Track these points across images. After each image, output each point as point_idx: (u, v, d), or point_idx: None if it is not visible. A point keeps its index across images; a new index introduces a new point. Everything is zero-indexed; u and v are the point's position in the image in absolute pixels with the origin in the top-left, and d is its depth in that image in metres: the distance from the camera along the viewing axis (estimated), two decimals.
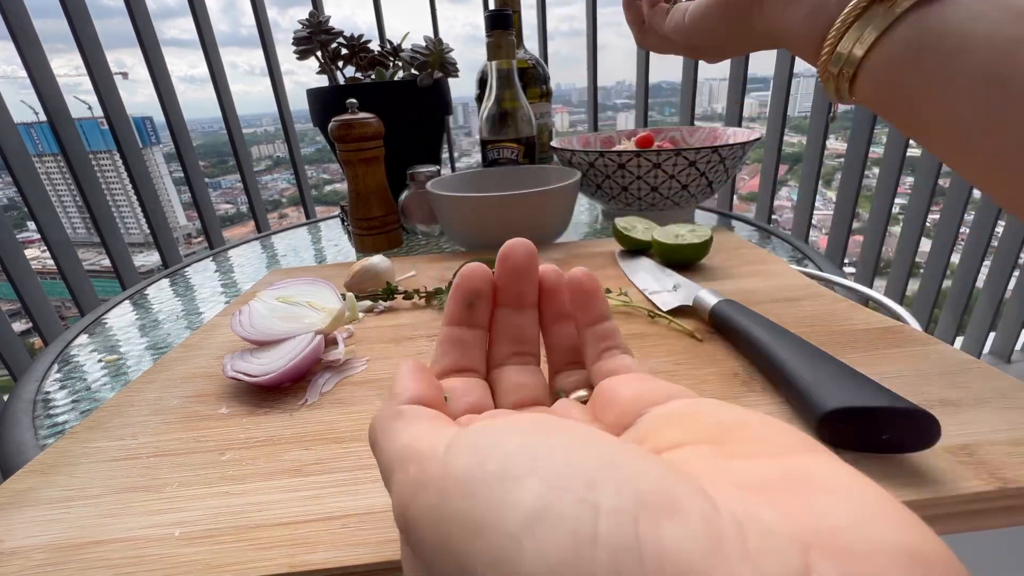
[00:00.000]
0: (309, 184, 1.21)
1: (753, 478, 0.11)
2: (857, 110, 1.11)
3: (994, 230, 1.21)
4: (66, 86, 0.97)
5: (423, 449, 0.13)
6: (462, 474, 0.11)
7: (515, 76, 0.65)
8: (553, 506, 0.09)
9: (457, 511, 0.10)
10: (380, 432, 0.15)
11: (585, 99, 1.24)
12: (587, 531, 0.09)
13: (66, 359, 0.45)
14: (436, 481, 0.11)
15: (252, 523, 0.21)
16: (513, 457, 0.11)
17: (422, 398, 0.16)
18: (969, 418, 0.24)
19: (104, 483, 0.24)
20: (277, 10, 12.30)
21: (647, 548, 0.08)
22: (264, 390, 0.31)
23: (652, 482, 0.10)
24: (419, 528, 0.11)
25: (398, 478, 0.13)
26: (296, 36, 0.70)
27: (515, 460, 0.11)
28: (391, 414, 0.16)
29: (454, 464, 0.11)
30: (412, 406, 0.16)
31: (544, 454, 0.11)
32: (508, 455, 0.11)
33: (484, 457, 0.11)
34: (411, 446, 0.13)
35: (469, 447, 0.12)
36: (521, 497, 0.10)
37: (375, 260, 0.47)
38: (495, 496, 0.10)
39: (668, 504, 0.09)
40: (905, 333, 0.32)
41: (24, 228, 5.17)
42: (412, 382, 0.17)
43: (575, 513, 0.09)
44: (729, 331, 0.32)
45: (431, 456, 0.12)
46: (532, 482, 0.10)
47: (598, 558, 0.08)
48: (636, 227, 0.51)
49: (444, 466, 0.12)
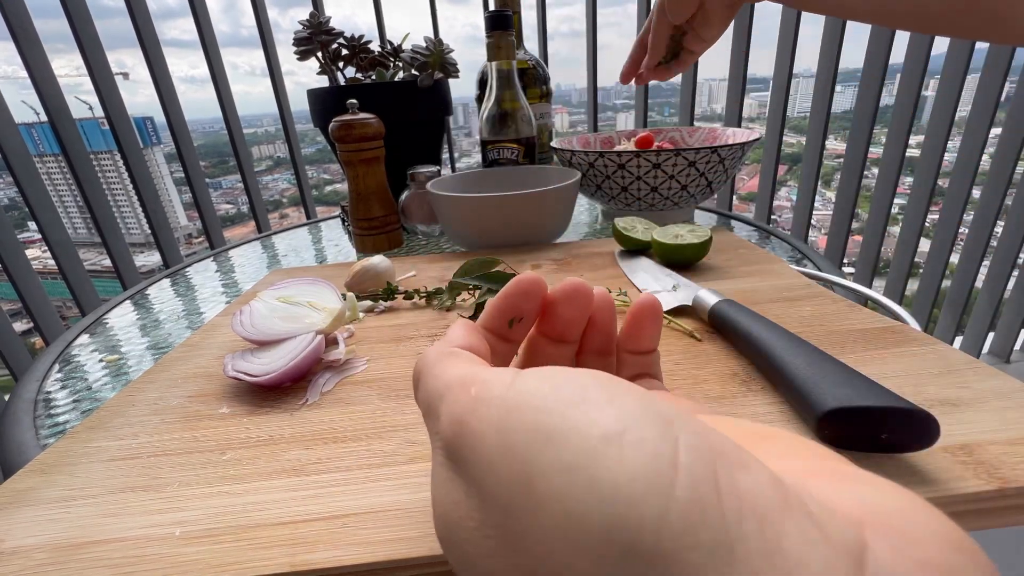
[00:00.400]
0: (310, 184, 1.21)
1: (798, 470, 0.11)
2: (857, 109, 1.11)
3: (993, 230, 1.21)
4: (67, 86, 0.97)
5: (486, 376, 0.13)
6: (534, 393, 0.11)
7: (515, 77, 0.65)
8: (634, 429, 0.09)
9: (526, 422, 0.10)
10: (432, 363, 0.15)
11: (585, 99, 1.24)
12: (668, 455, 0.09)
13: (67, 359, 0.45)
14: (501, 399, 0.11)
15: (252, 523, 0.21)
16: (589, 389, 0.11)
17: (474, 349, 0.16)
18: (968, 418, 0.24)
19: (105, 483, 0.24)
20: (278, 11, 12.26)
21: (724, 486, 0.09)
22: (265, 390, 0.31)
23: (724, 441, 0.10)
24: (476, 439, 0.11)
25: (453, 397, 0.13)
26: (296, 37, 0.70)
27: (591, 392, 0.11)
28: (445, 352, 0.15)
29: (525, 386, 0.11)
30: (464, 351, 0.16)
31: (621, 393, 0.11)
32: (584, 387, 0.11)
33: (558, 384, 0.11)
34: (471, 373, 0.13)
35: (540, 376, 0.12)
36: (601, 417, 0.10)
37: (375, 260, 0.47)
38: (571, 415, 0.10)
39: (740, 461, 0.09)
40: (904, 333, 0.32)
41: (25, 228, 5.17)
42: (466, 333, 0.17)
43: (656, 438, 0.09)
44: (728, 331, 0.32)
45: (496, 380, 0.12)
46: (611, 410, 0.10)
47: (679, 480, 0.09)
48: (636, 227, 0.51)
49: (513, 388, 0.11)
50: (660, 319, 0.19)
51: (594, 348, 0.20)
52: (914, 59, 1.06)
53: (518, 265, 0.50)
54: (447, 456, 0.12)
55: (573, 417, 0.10)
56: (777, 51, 1.11)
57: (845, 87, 4.15)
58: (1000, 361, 1.35)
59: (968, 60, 1.06)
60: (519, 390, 0.11)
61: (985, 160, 1.14)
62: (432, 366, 0.15)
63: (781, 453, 0.12)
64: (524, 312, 0.18)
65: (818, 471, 0.11)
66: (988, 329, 1.33)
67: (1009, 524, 0.21)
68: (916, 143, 1.19)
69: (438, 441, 0.13)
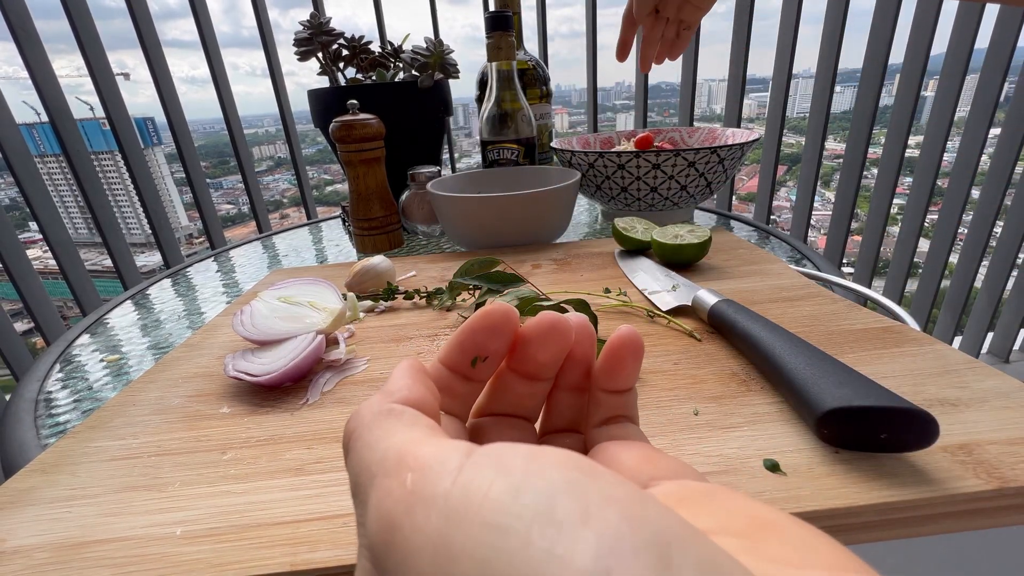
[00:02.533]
0: (310, 184, 1.21)
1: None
2: (856, 109, 1.11)
3: (992, 230, 1.21)
4: (68, 87, 0.97)
5: (425, 457, 0.10)
6: (487, 497, 0.09)
7: (515, 77, 0.65)
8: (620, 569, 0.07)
9: (475, 547, 0.08)
10: (365, 427, 0.12)
11: (585, 100, 1.24)
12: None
13: (68, 359, 0.45)
14: (444, 500, 0.09)
15: (254, 522, 0.21)
16: (559, 496, 0.08)
17: (420, 403, 0.14)
18: (967, 418, 0.24)
19: (106, 482, 0.24)
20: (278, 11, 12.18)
21: None
22: (265, 389, 0.31)
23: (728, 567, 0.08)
24: (408, 555, 0.09)
25: (384, 485, 0.10)
26: (297, 37, 0.70)
27: (562, 500, 0.08)
28: (382, 410, 0.13)
29: (475, 483, 0.09)
30: (408, 408, 0.13)
31: (598, 501, 0.08)
32: (552, 491, 0.08)
33: (520, 485, 0.09)
34: (409, 451, 0.11)
35: (496, 467, 0.09)
36: (574, 551, 0.08)
37: (376, 260, 0.47)
38: (535, 540, 0.08)
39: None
40: (904, 333, 0.32)
41: (26, 228, 5.18)
42: (411, 381, 0.14)
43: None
44: (728, 331, 0.32)
45: (438, 468, 0.10)
46: (587, 535, 0.08)
47: None
48: (635, 227, 0.51)
49: (459, 484, 0.09)
50: (640, 355, 0.16)
51: (570, 384, 0.17)
52: (913, 59, 1.06)
53: (518, 265, 0.50)
54: (372, 563, 0.10)
55: (538, 544, 0.08)
56: (777, 51, 1.11)
57: (845, 87, 4.15)
58: (999, 361, 1.35)
59: (968, 60, 1.06)
60: (467, 489, 0.09)
61: (984, 160, 1.14)
62: (365, 430, 0.12)
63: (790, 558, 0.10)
64: (490, 351, 0.16)
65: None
66: (987, 329, 1.33)
67: (1009, 524, 0.21)
68: (915, 143, 1.19)
69: (364, 539, 0.10)
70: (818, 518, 0.20)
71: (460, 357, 0.16)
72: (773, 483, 0.21)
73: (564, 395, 0.17)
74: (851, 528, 0.20)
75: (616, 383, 0.16)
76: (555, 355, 0.16)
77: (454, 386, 0.16)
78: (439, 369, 0.16)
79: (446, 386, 0.16)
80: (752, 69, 1.14)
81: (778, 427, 0.25)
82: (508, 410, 0.17)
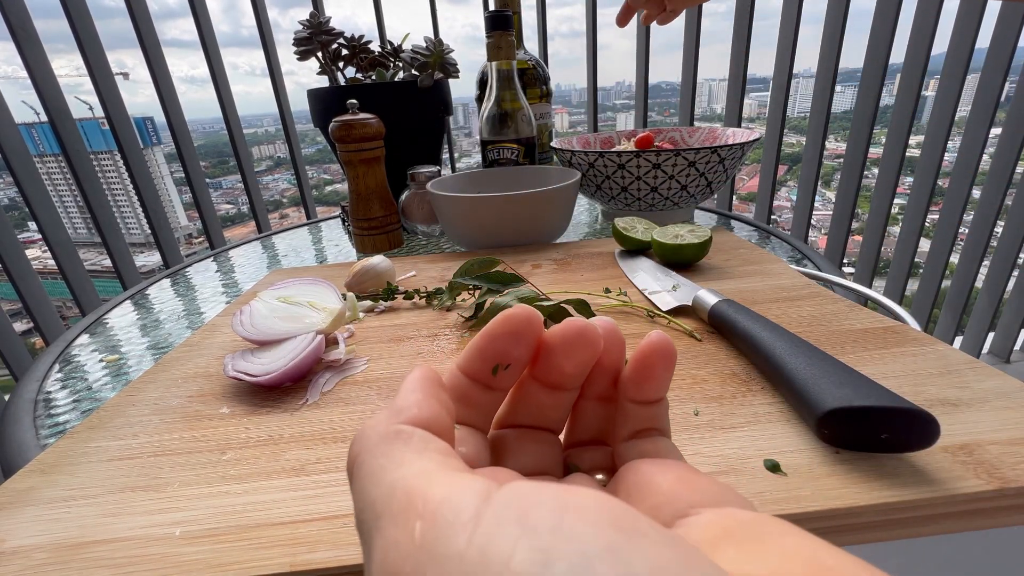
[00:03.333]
0: (310, 184, 1.21)
1: None
2: (856, 109, 1.11)
3: (993, 230, 1.21)
4: (67, 86, 0.97)
5: (437, 501, 0.09)
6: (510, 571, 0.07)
7: (515, 77, 0.65)
8: None
9: None
10: (369, 452, 0.11)
11: (585, 99, 1.24)
12: None
13: (67, 359, 0.45)
14: (459, 563, 0.08)
15: (253, 522, 0.21)
16: (597, 566, 0.07)
17: (432, 422, 0.12)
18: (968, 418, 0.24)
19: (105, 483, 0.24)
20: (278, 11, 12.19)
21: None
22: (265, 390, 0.31)
23: None
24: None
25: (391, 534, 0.09)
26: (297, 37, 0.70)
27: (600, 569, 0.07)
28: (389, 432, 0.12)
29: (495, 545, 0.08)
30: (419, 429, 0.12)
31: (642, 572, 0.07)
32: (588, 559, 0.07)
33: (549, 551, 0.07)
34: (418, 489, 0.10)
35: (520, 522, 0.08)
36: None
37: (376, 260, 0.47)
38: None
39: None
40: (904, 333, 0.32)
41: (25, 228, 5.18)
42: (423, 396, 0.13)
43: None
44: (728, 331, 0.32)
45: (451, 518, 0.08)
46: None
47: None
48: (636, 227, 0.51)
49: (476, 545, 0.08)
50: (672, 363, 0.15)
51: (597, 394, 0.16)
52: (914, 59, 1.06)
53: (518, 265, 0.50)
54: None
55: None
56: (777, 51, 1.11)
57: (845, 87, 4.15)
58: (1000, 361, 1.35)
59: (968, 60, 1.06)
60: (485, 551, 0.08)
61: (985, 160, 1.14)
62: (369, 456, 0.11)
63: None
64: (512, 359, 0.15)
65: None
66: (988, 329, 1.33)
67: (1010, 524, 0.21)
68: (916, 143, 1.19)
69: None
70: (819, 519, 0.20)
71: (480, 364, 0.15)
72: (774, 483, 0.21)
73: (591, 405, 0.17)
74: (852, 529, 0.20)
75: (645, 394, 0.15)
76: (582, 365, 0.15)
77: (474, 395, 0.15)
78: (457, 377, 0.15)
79: (465, 395, 0.15)
80: (752, 69, 1.14)
81: (779, 427, 0.25)
82: (531, 421, 0.16)
